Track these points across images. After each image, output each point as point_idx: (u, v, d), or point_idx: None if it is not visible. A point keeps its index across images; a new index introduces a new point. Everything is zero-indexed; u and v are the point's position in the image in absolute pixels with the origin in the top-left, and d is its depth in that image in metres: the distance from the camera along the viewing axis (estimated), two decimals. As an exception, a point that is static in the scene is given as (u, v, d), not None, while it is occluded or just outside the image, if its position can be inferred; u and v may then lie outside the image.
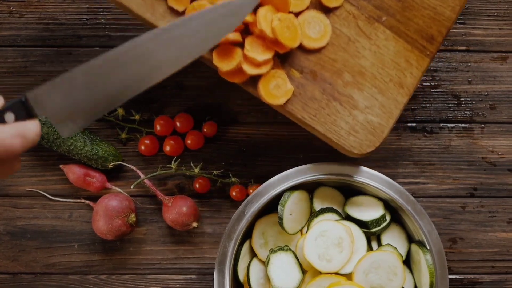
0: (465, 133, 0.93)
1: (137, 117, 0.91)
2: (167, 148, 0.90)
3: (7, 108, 0.55)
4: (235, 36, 0.74)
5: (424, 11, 0.80)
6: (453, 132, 0.93)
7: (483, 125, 0.93)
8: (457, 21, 0.93)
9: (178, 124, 0.90)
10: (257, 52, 0.75)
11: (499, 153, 0.93)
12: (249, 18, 0.74)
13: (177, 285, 0.91)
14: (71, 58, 0.92)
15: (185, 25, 0.62)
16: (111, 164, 0.89)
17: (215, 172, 0.90)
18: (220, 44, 0.74)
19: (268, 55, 0.75)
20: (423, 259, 0.81)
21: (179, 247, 0.91)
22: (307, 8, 0.78)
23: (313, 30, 0.78)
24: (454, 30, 0.94)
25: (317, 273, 0.81)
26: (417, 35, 0.80)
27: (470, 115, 0.93)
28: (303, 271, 0.81)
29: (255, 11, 0.74)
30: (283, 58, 0.78)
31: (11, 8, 0.92)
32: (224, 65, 0.75)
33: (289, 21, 0.75)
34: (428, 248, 0.81)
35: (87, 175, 0.89)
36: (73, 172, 0.89)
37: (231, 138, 0.92)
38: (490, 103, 0.93)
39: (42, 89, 0.57)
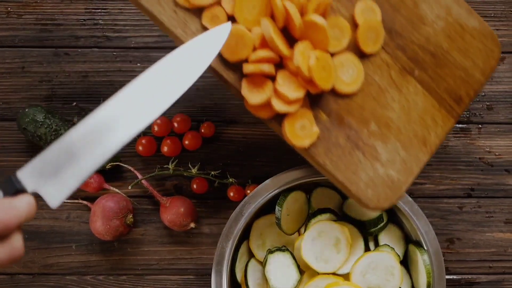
0: (462, 134, 0.93)
1: (134, 117, 0.91)
2: (165, 149, 0.90)
3: None
4: (269, 68, 0.68)
5: (456, 71, 0.76)
6: (451, 132, 0.93)
7: (480, 126, 0.93)
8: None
9: (175, 124, 0.90)
10: (289, 88, 0.69)
11: (496, 154, 0.93)
12: (285, 51, 0.68)
13: (175, 286, 0.91)
14: (69, 58, 0.92)
15: (154, 77, 0.61)
16: (109, 164, 0.89)
17: (212, 172, 0.90)
18: (251, 74, 0.69)
19: (300, 93, 0.69)
20: (420, 260, 0.81)
21: (176, 248, 0.91)
22: (343, 51, 0.73)
23: (346, 74, 0.73)
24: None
25: (314, 273, 0.81)
26: (446, 94, 0.76)
27: (468, 115, 0.93)
28: (301, 272, 0.81)
29: (292, 45, 0.69)
30: (312, 98, 0.73)
31: (9, 8, 0.92)
32: (253, 97, 0.68)
33: (325, 61, 0.69)
34: (425, 248, 0.81)
35: (85, 175, 0.89)
36: (71, 172, 0.89)
37: (228, 138, 0.92)
38: (487, 103, 0.94)
39: (30, 166, 0.57)
